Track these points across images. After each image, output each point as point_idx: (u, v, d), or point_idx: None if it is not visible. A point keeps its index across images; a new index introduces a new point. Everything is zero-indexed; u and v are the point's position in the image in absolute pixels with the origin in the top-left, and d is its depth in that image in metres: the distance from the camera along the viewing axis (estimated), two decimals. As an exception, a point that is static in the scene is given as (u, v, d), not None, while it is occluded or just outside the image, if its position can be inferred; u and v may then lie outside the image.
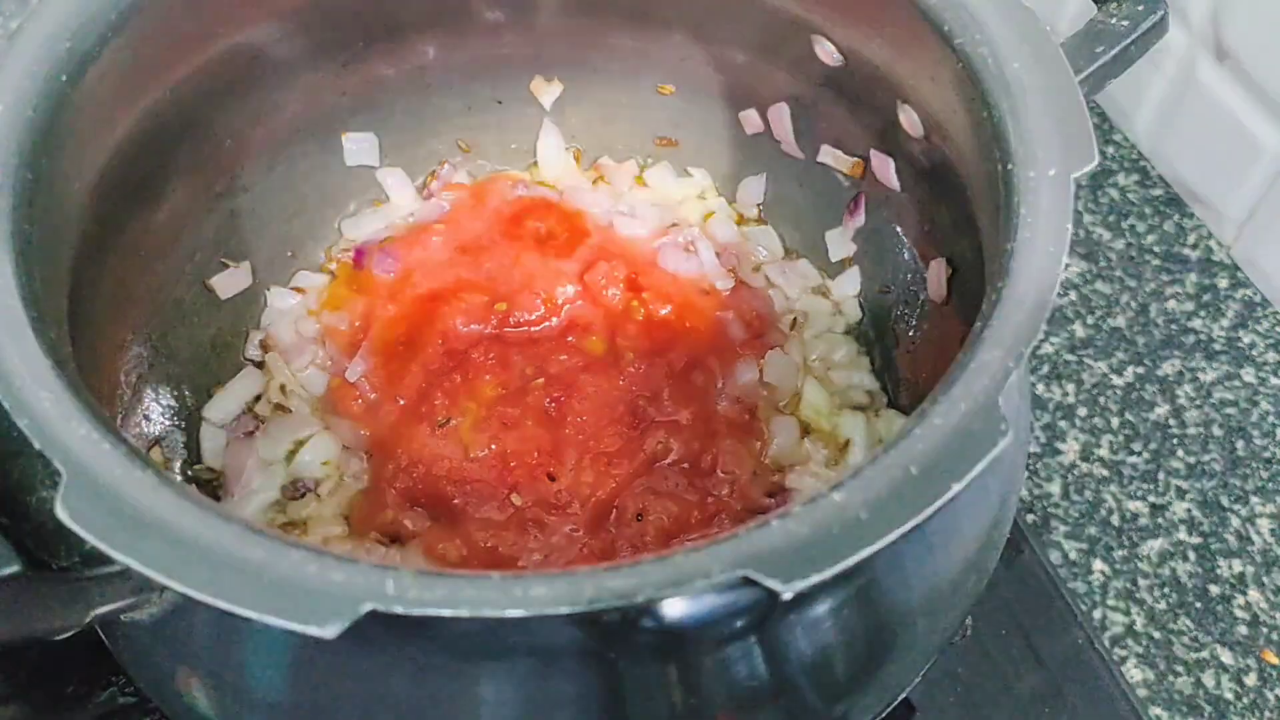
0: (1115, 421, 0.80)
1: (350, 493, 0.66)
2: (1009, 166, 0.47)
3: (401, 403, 0.67)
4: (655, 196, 0.77)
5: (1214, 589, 0.73)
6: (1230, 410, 0.80)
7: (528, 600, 0.36)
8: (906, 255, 0.69)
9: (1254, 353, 0.83)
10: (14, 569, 0.40)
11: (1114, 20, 0.55)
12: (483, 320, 0.69)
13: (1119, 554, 0.75)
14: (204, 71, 0.60)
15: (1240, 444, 0.79)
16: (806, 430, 0.68)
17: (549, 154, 0.78)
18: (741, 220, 0.77)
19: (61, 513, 0.37)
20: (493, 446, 0.64)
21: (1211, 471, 0.78)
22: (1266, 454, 0.78)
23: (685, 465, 0.65)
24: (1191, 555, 0.74)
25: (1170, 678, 0.70)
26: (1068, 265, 0.80)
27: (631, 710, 0.45)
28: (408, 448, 0.65)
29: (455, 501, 0.63)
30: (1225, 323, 0.84)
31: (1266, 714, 0.69)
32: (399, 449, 0.65)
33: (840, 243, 0.73)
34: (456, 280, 0.71)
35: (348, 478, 0.66)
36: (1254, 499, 0.76)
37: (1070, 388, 0.81)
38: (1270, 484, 0.77)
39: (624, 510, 0.63)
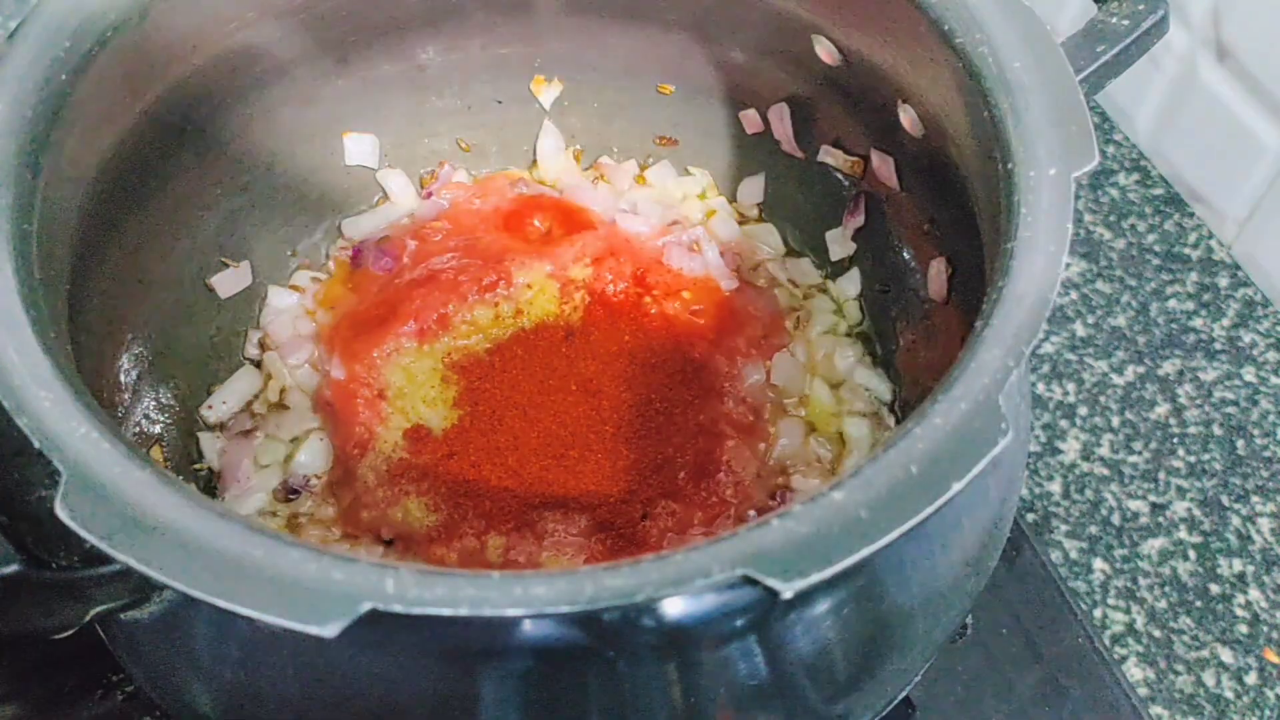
0: (1116, 421, 0.80)
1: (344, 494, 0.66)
2: (1009, 166, 0.47)
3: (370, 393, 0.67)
4: (656, 194, 0.77)
5: (1214, 588, 0.73)
6: (1230, 409, 0.80)
7: (528, 599, 0.36)
8: (906, 255, 0.69)
9: (1254, 352, 0.83)
10: (14, 568, 0.40)
11: (1114, 20, 0.55)
12: (461, 299, 0.69)
13: (1119, 553, 0.74)
14: (204, 71, 0.61)
15: (1240, 443, 0.79)
16: (812, 431, 0.68)
17: (549, 153, 0.78)
18: (742, 219, 0.77)
19: (61, 512, 0.37)
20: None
21: (1212, 471, 0.78)
22: (1267, 453, 0.78)
23: (691, 466, 0.65)
24: (1192, 554, 0.74)
25: (1171, 676, 0.70)
26: (1068, 264, 0.80)
27: (631, 710, 0.45)
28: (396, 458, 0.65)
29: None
30: (1226, 322, 0.84)
31: (1267, 713, 0.69)
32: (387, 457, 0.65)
33: (840, 243, 0.73)
34: (446, 264, 0.70)
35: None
36: (1254, 498, 0.76)
37: (1071, 387, 0.81)
38: (1271, 483, 0.77)
39: (628, 511, 0.63)
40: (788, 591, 0.36)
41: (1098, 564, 0.74)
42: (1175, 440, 0.79)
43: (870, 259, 0.72)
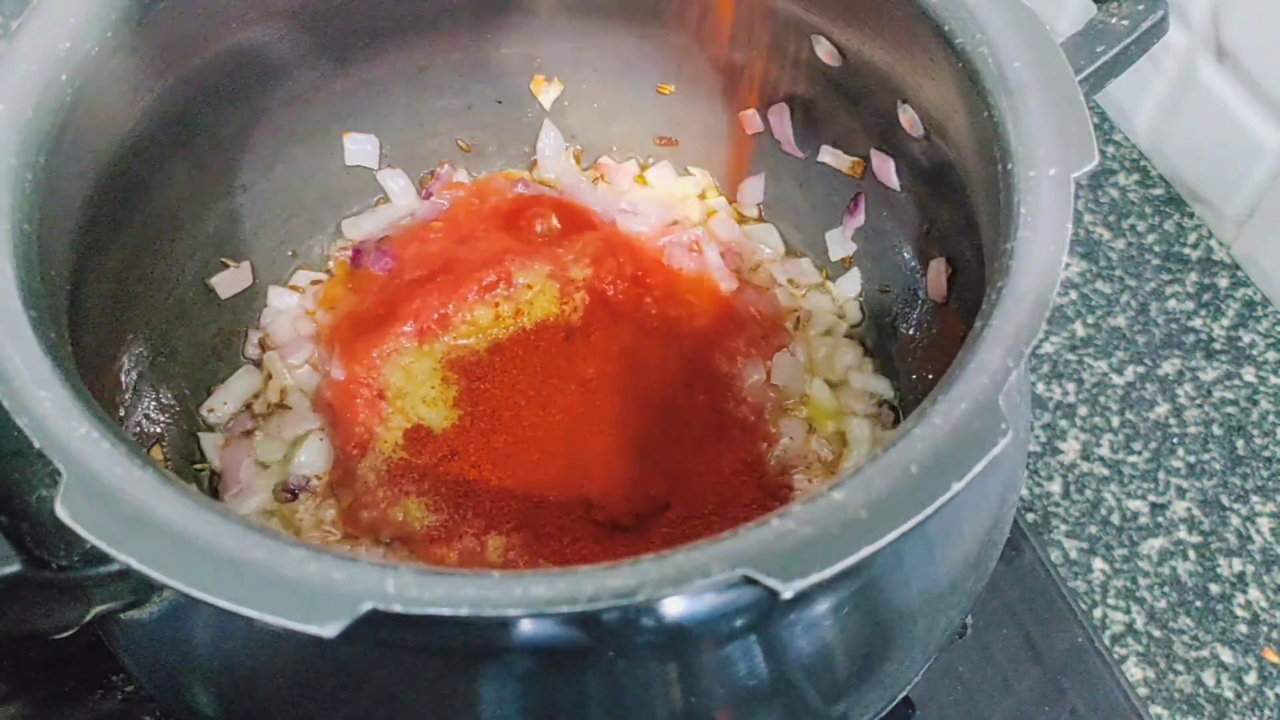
0: (1115, 421, 0.80)
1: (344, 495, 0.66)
2: (1009, 166, 0.47)
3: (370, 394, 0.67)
4: (656, 194, 0.77)
5: (1214, 588, 0.73)
6: (1230, 409, 0.80)
7: (528, 599, 0.36)
8: (906, 255, 0.69)
9: (1254, 352, 0.83)
10: (14, 568, 0.40)
11: (1114, 20, 0.55)
12: (461, 299, 0.69)
13: (1119, 553, 0.74)
14: (204, 71, 0.60)
15: (1240, 443, 0.79)
16: (812, 431, 0.68)
17: (549, 154, 0.78)
18: (742, 219, 0.77)
19: (61, 512, 0.37)
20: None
21: (1212, 470, 0.78)
22: (1266, 453, 0.78)
23: (691, 465, 0.65)
24: (1192, 554, 0.74)
25: (1170, 676, 0.70)
26: (1068, 265, 0.80)
27: (631, 710, 0.45)
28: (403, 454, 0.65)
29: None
30: (1225, 322, 0.84)
31: (1267, 713, 0.69)
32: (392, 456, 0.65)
33: (840, 243, 0.73)
34: (446, 264, 0.70)
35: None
36: (1254, 498, 0.76)
37: (1070, 387, 0.81)
38: (1270, 483, 0.77)
39: (629, 511, 0.63)
40: (788, 591, 0.36)
41: (1098, 564, 0.74)
42: (1175, 440, 0.79)
43: (870, 259, 0.72)
